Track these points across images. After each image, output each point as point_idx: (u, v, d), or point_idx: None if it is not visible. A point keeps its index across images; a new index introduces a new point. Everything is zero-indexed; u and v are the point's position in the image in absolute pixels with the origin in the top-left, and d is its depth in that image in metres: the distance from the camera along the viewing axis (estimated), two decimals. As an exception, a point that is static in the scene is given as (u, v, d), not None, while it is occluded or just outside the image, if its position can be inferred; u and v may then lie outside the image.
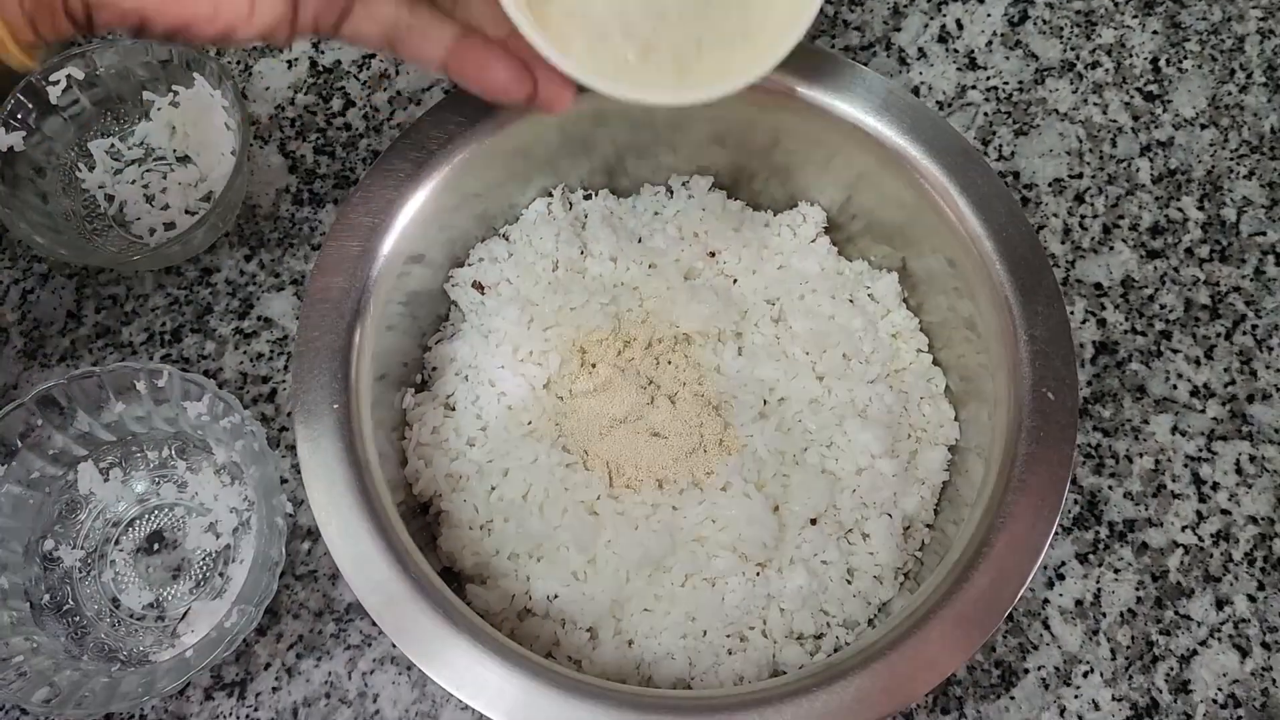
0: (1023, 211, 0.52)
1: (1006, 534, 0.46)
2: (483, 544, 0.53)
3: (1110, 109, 0.71)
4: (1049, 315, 0.49)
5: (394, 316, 0.53)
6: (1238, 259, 0.67)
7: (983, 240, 0.51)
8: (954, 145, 0.52)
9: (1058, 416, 0.48)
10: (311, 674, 0.58)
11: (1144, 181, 0.69)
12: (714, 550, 0.52)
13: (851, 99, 0.53)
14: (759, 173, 0.60)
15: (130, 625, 0.58)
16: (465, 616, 0.44)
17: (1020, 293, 0.50)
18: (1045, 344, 0.49)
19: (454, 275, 0.59)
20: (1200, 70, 0.72)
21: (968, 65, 0.72)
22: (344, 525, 0.45)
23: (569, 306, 0.56)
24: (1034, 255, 0.50)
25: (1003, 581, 0.45)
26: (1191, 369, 0.65)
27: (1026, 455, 0.47)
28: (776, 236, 0.60)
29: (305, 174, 0.68)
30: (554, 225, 0.58)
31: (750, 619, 0.52)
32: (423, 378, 0.59)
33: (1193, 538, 0.61)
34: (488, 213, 0.58)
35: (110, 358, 0.64)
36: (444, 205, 0.52)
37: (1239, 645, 0.59)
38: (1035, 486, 0.46)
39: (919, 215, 0.53)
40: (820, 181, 0.58)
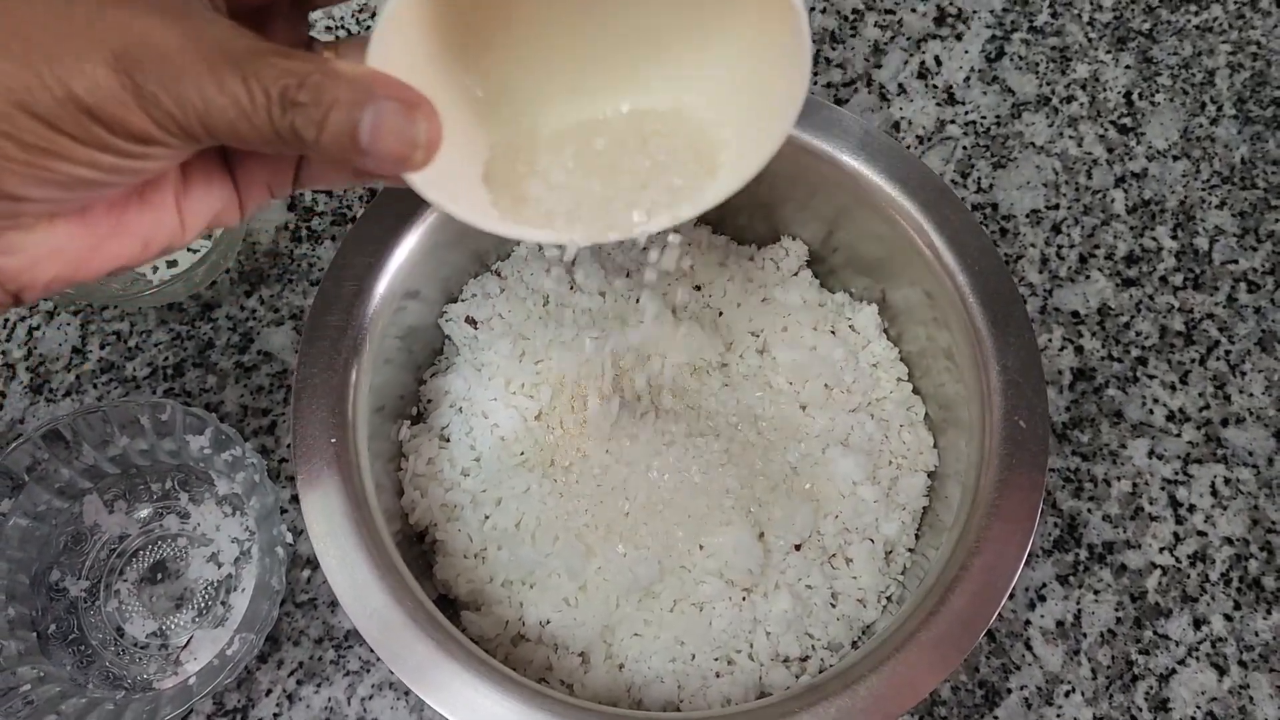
0: (994, 246, 0.54)
1: (982, 558, 0.47)
2: (477, 571, 0.55)
3: (1085, 142, 0.73)
4: (1020, 345, 0.51)
5: (391, 350, 0.55)
6: (1211, 287, 0.69)
7: (956, 274, 0.52)
8: (928, 183, 0.54)
9: (1029, 444, 0.49)
10: (312, 700, 0.59)
11: (1119, 212, 0.71)
12: (701, 576, 0.54)
13: (830, 139, 0.55)
14: (744, 208, 0.62)
15: (134, 654, 0.59)
16: (459, 643, 0.46)
17: (992, 324, 0.51)
18: (1017, 373, 0.51)
19: (448, 311, 0.60)
20: (1172, 103, 0.75)
21: (946, 100, 0.74)
22: (342, 555, 0.46)
23: (559, 340, 0.58)
24: (1005, 287, 0.52)
25: (979, 603, 0.47)
26: (1167, 394, 0.66)
27: (1000, 481, 0.49)
28: (760, 270, 0.62)
29: (304, 211, 0.70)
30: (544, 261, 0.60)
31: (737, 643, 0.54)
32: (418, 410, 0.61)
33: (1170, 559, 0.63)
34: (480, 249, 0.60)
35: (114, 392, 0.66)
36: (437, 243, 0.54)
37: (1216, 664, 0.60)
38: (1009, 511, 0.48)
39: (896, 250, 0.55)
40: (802, 217, 0.60)
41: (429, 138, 0.32)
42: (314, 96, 0.30)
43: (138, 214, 0.34)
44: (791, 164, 0.56)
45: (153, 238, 0.34)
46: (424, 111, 0.32)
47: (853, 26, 0.76)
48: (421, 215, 0.53)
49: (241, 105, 0.30)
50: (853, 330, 0.61)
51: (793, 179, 0.57)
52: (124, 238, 0.34)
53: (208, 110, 0.30)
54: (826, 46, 0.76)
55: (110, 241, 0.33)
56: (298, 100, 0.30)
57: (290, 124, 0.30)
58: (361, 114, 0.30)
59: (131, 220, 0.34)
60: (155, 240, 0.34)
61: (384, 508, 0.51)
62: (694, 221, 0.63)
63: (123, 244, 0.34)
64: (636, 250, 0.63)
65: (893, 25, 0.76)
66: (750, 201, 0.60)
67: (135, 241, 0.34)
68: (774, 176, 0.58)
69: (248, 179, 0.36)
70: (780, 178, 0.58)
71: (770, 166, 0.57)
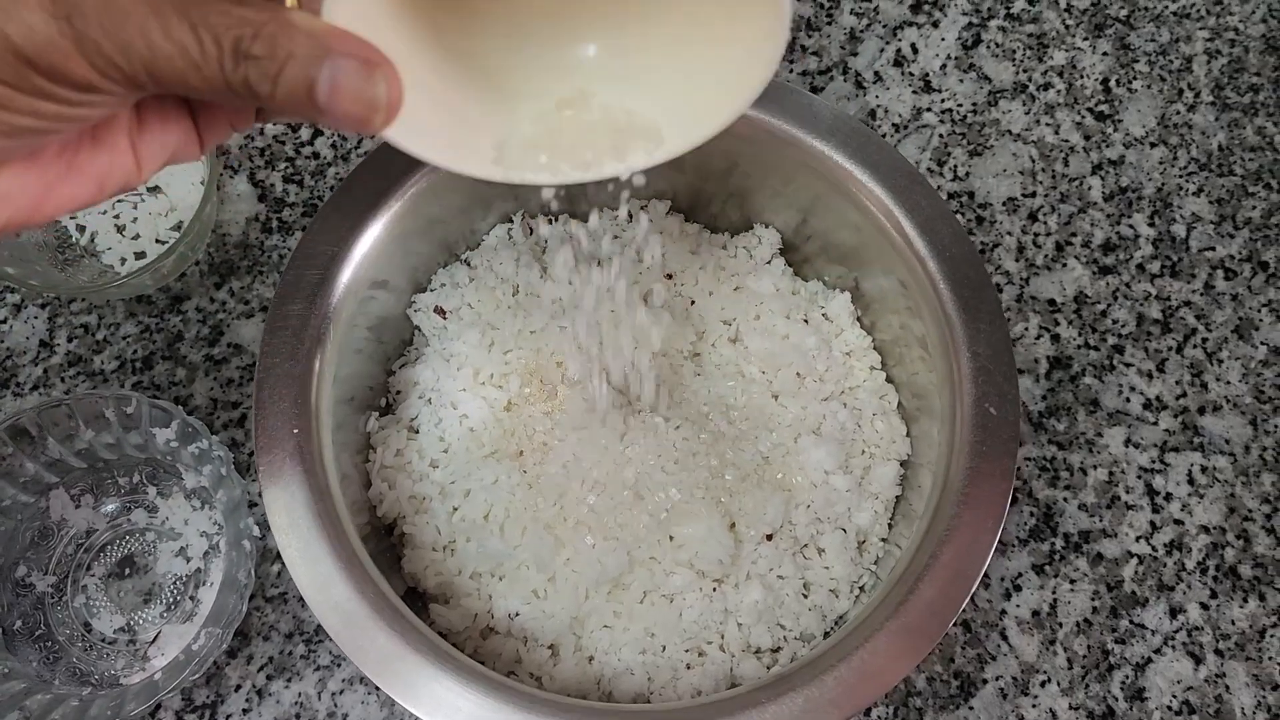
0: (966, 232, 0.53)
1: (951, 546, 0.47)
2: (445, 564, 0.54)
3: (1062, 129, 0.73)
4: (991, 332, 0.51)
5: (360, 341, 0.54)
6: (1188, 274, 0.69)
7: (927, 260, 0.52)
8: (899, 168, 0.53)
9: (1000, 431, 0.49)
10: (282, 695, 0.58)
11: (1095, 199, 0.71)
12: (671, 567, 0.53)
13: (801, 126, 0.54)
14: (716, 196, 0.61)
15: (102, 649, 0.58)
16: (424, 635, 0.45)
17: (963, 310, 0.51)
18: (987, 360, 0.50)
19: (416, 301, 0.60)
20: (1149, 90, 0.74)
21: (923, 88, 0.74)
22: (304, 547, 0.46)
23: (529, 329, 0.57)
24: (977, 274, 0.52)
25: (949, 592, 0.46)
26: (1144, 382, 0.66)
27: (970, 470, 0.48)
28: (733, 258, 0.61)
29: (274, 202, 0.70)
30: (514, 250, 0.60)
31: (708, 634, 0.53)
32: (387, 401, 0.60)
33: (1146, 548, 0.62)
34: (449, 239, 0.60)
35: (82, 386, 0.65)
36: (405, 231, 0.54)
37: (1192, 653, 0.60)
38: (978, 499, 0.48)
39: (869, 237, 0.55)
40: (775, 205, 0.60)
41: (389, 99, 0.31)
42: (268, 49, 0.29)
43: (90, 155, 0.33)
44: (765, 151, 0.55)
45: (107, 178, 0.33)
46: (384, 71, 0.31)
47: (829, 14, 0.76)
48: (388, 203, 0.53)
49: (190, 55, 0.29)
50: (825, 319, 0.61)
51: (766, 166, 0.57)
52: (77, 179, 0.33)
53: (154, 59, 0.28)
54: (803, 34, 0.75)
55: (63, 184, 0.32)
56: (251, 52, 0.29)
57: (243, 77, 0.29)
58: (319, 71, 0.29)
59: (84, 162, 0.33)
60: (110, 181, 0.33)
61: (351, 500, 0.50)
62: (665, 210, 0.62)
63: (76, 186, 0.33)
64: (608, 239, 0.62)
65: (869, 13, 0.76)
66: (722, 189, 0.60)
67: (89, 182, 0.33)
68: (746, 163, 0.58)
69: (208, 115, 0.35)
70: (754, 164, 0.57)
71: (743, 152, 0.57)
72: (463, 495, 0.55)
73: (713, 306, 0.60)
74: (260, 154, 0.71)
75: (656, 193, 0.62)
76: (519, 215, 0.61)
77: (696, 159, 0.59)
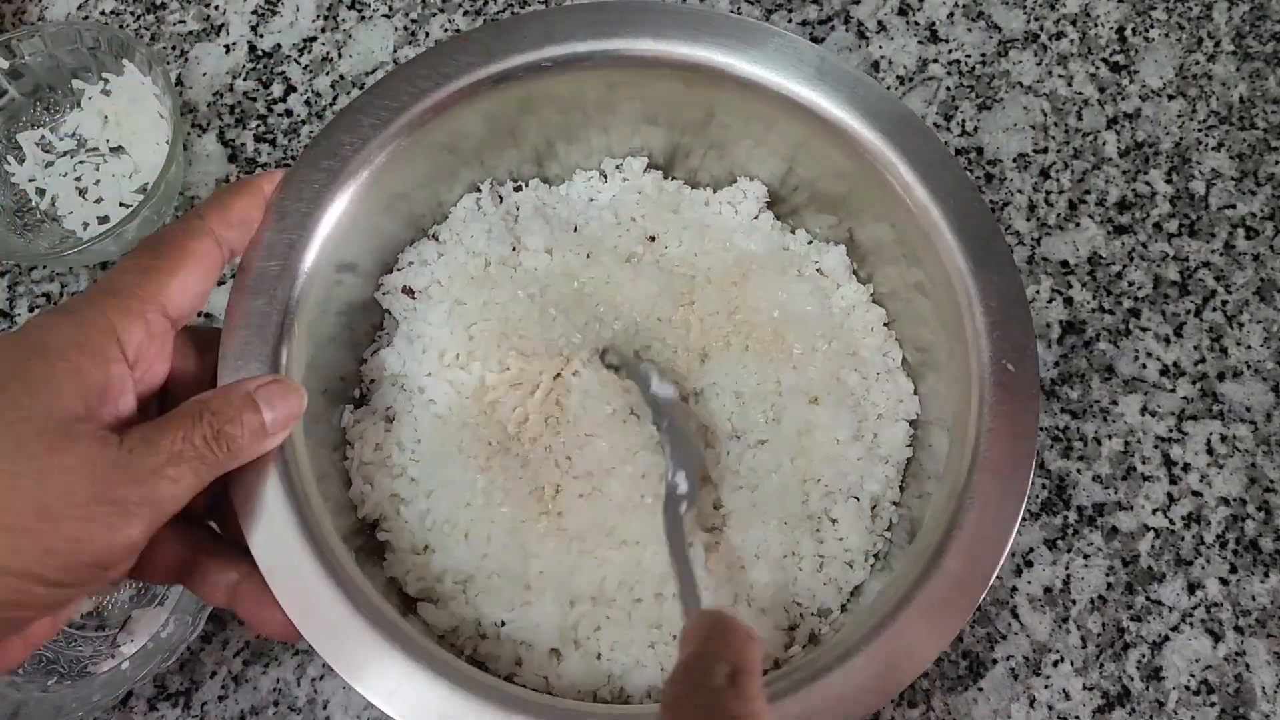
0: (968, 177, 0.50)
1: (975, 513, 0.44)
2: (427, 568, 0.50)
3: (1075, 81, 0.69)
4: (1003, 284, 0.47)
5: (332, 328, 0.50)
6: (1207, 233, 0.66)
7: (929, 209, 0.48)
8: (894, 112, 0.50)
9: (1019, 388, 0.46)
10: (259, 681, 0.56)
11: (1110, 155, 0.67)
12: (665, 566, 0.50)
13: (784, 71, 0.50)
14: (695, 149, 0.57)
15: (69, 635, 0.56)
16: (409, 639, 0.42)
17: (972, 262, 0.47)
18: (1001, 314, 0.47)
19: (384, 282, 0.55)
20: (1167, 39, 0.70)
21: (929, 38, 0.70)
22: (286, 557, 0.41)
23: (495, 301, 0.53)
24: (984, 223, 0.48)
25: (975, 563, 0.43)
26: (1161, 347, 0.63)
27: (990, 430, 0.45)
28: (718, 215, 0.57)
29: (246, 163, 0.66)
30: (484, 221, 0.56)
31: None
32: (361, 391, 0.56)
33: (1163, 520, 0.60)
34: (414, 213, 0.55)
35: (45, 358, 0.61)
36: (367, 210, 0.49)
37: (1211, 630, 0.58)
38: (1000, 462, 0.44)
39: (862, 185, 0.51)
40: (759, 154, 0.56)
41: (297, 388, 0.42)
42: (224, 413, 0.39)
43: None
44: (744, 99, 0.52)
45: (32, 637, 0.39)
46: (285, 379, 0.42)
47: (830, -40, 0.72)
48: (344, 184, 0.48)
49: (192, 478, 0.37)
50: (821, 274, 0.57)
51: (746, 114, 0.53)
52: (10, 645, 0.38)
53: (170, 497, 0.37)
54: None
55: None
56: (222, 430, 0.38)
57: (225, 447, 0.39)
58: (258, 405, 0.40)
59: None
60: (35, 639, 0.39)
61: (331, 499, 0.46)
62: (642, 168, 0.58)
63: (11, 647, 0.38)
64: (583, 203, 0.58)
65: (872, -42, 0.72)
66: (701, 141, 0.56)
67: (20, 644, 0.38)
68: (725, 111, 0.54)
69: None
70: (732, 112, 0.53)
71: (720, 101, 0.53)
72: (427, 496, 0.51)
73: (699, 268, 0.56)
74: (230, 111, 0.67)
75: (631, 150, 0.58)
76: (488, 183, 0.57)
77: (670, 110, 0.56)
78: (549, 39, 0.50)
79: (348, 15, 0.70)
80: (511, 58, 0.50)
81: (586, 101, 0.53)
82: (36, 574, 0.34)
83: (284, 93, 0.68)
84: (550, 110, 0.53)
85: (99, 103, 0.65)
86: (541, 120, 0.54)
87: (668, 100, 0.53)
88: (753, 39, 0.50)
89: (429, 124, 0.50)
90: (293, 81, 0.68)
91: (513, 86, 0.50)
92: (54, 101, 0.65)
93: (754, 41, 0.50)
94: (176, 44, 0.69)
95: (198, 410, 0.38)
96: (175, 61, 0.68)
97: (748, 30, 0.51)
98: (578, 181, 0.58)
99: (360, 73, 0.68)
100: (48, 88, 0.65)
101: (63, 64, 0.64)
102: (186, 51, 0.69)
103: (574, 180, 0.58)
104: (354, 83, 0.68)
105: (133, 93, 0.64)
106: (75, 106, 0.65)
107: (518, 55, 0.50)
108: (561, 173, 0.59)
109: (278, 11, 0.70)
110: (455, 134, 0.52)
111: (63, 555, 0.34)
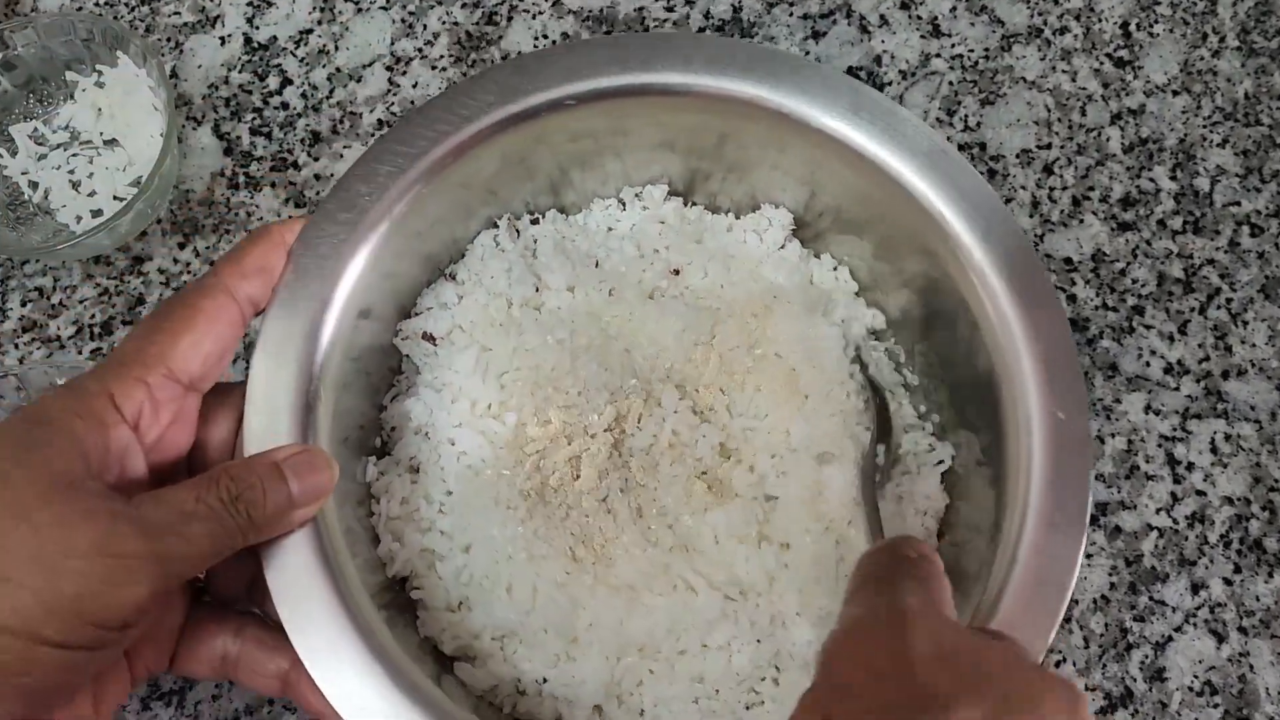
0: (1009, 212, 0.47)
1: (1029, 570, 0.42)
2: (462, 625, 0.48)
3: (1079, 76, 0.68)
4: (1050, 326, 0.45)
5: (349, 374, 0.48)
6: (1211, 230, 0.65)
7: (969, 248, 0.47)
8: (928, 145, 0.48)
9: (1071, 434, 0.44)
10: (253, 681, 0.55)
11: (1114, 151, 0.67)
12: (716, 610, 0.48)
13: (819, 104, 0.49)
14: (714, 173, 0.55)
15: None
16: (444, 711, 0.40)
17: (1016, 299, 0.46)
18: (1049, 362, 0.45)
19: (402, 328, 0.53)
20: (1172, 35, 0.70)
21: (931, 33, 0.69)
22: (323, 638, 0.40)
23: (524, 348, 0.51)
24: (1027, 260, 0.46)
25: (1032, 621, 0.42)
26: (1165, 345, 0.62)
27: (1042, 482, 0.44)
28: (742, 244, 0.56)
29: (241, 156, 0.65)
30: (504, 259, 0.54)
31: (761, 671, 0.48)
32: (382, 440, 0.53)
33: (1167, 520, 0.59)
34: (432, 254, 0.53)
35: (37, 353, 0.61)
36: (385, 257, 0.48)
37: (1215, 630, 0.57)
38: (1053, 514, 0.43)
39: (892, 214, 0.50)
40: (781, 178, 0.54)
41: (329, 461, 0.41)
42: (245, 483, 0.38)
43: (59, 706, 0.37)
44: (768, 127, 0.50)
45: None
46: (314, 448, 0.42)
47: (832, -46, 0.71)
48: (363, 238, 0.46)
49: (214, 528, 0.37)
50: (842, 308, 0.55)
51: (765, 139, 0.51)
52: None
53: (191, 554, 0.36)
54: (803, -25, 0.71)
55: None
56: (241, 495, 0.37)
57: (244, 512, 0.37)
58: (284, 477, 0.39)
59: None
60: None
61: (359, 556, 0.44)
62: (663, 196, 0.56)
63: None
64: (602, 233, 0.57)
65: (874, -48, 0.71)
66: (720, 164, 0.54)
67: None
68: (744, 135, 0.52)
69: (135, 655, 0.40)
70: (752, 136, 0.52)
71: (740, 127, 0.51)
72: (465, 550, 0.49)
73: (724, 299, 0.54)
74: (225, 104, 0.67)
75: (650, 176, 0.56)
76: (504, 219, 0.55)
77: (688, 136, 0.54)
78: (572, 75, 0.49)
79: (344, 7, 0.69)
80: (533, 95, 0.48)
81: (602, 130, 0.52)
82: (38, 633, 0.32)
83: (280, 85, 0.67)
84: (565, 139, 0.52)
85: (92, 95, 0.64)
86: (555, 149, 0.52)
87: (686, 126, 0.52)
88: (783, 70, 0.49)
89: (448, 168, 0.48)
90: (289, 74, 0.67)
91: (533, 124, 0.48)
92: (47, 93, 0.64)
93: (784, 73, 0.49)
94: (171, 36, 0.68)
95: (217, 473, 0.37)
96: (170, 54, 0.68)
97: (779, 61, 0.49)
98: (595, 211, 0.57)
99: (357, 65, 0.67)
100: (40, 79, 0.64)
101: (56, 55, 0.63)
102: (181, 43, 0.68)
103: (591, 209, 0.57)
104: (351, 75, 0.67)
105: (127, 85, 0.63)
106: (69, 99, 0.64)
107: (539, 93, 0.48)
108: (578, 201, 0.57)
109: (273, 3, 0.69)
110: (472, 173, 0.50)
111: (63, 614, 0.32)
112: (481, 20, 0.69)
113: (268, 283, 0.43)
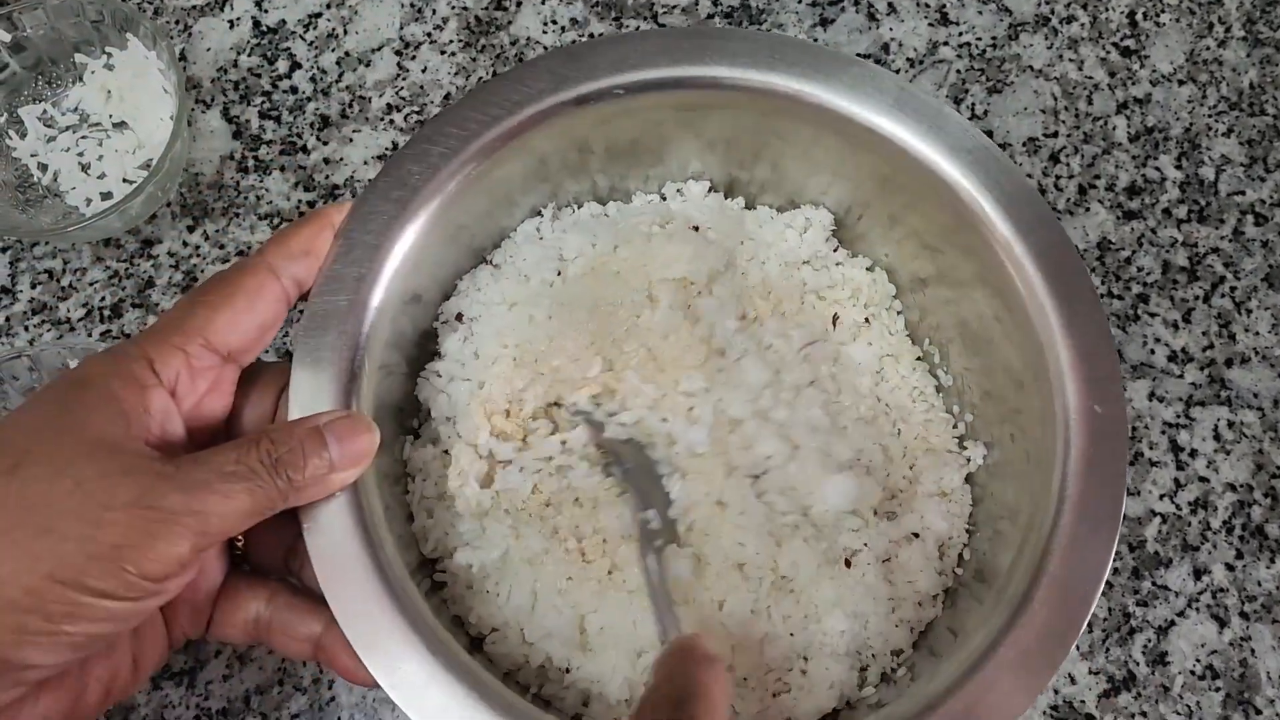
0: (1050, 210, 0.47)
1: (1062, 561, 0.42)
2: (487, 608, 0.48)
3: (1086, 65, 0.69)
4: (1089, 324, 0.45)
5: (393, 357, 0.48)
6: (1216, 219, 0.65)
7: (1011, 245, 0.47)
8: (972, 144, 0.48)
9: (1108, 430, 0.44)
10: (264, 661, 0.55)
11: (1120, 140, 0.67)
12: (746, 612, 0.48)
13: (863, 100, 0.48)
14: (756, 170, 0.55)
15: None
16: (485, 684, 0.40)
17: (1055, 297, 0.46)
18: (1087, 355, 0.45)
19: (442, 310, 0.53)
20: (1178, 24, 0.70)
21: (939, 21, 0.70)
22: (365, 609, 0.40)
23: (548, 335, 0.50)
24: (1067, 257, 0.46)
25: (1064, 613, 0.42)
26: (1169, 333, 0.63)
27: (1078, 474, 0.44)
28: (783, 241, 0.56)
29: (250, 140, 0.65)
30: (541, 247, 0.54)
31: (789, 662, 0.48)
32: (419, 421, 0.54)
33: (1170, 506, 0.60)
34: (476, 242, 0.53)
35: (47, 335, 0.61)
36: (435, 240, 0.48)
37: (1217, 615, 0.58)
38: (1089, 507, 0.43)
39: (936, 215, 0.50)
40: (823, 178, 0.54)
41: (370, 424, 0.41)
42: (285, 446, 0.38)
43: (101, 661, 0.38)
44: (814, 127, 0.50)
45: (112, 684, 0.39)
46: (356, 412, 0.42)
47: (840, -59, 0.71)
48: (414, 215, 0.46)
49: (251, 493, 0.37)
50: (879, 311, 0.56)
51: (810, 140, 0.51)
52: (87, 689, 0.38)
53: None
54: (812, -38, 0.71)
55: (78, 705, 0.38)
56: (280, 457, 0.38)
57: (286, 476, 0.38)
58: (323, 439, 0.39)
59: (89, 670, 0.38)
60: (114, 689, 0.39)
61: (395, 534, 0.44)
62: (705, 192, 0.56)
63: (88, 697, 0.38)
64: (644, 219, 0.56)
65: (882, -61, 0.71)
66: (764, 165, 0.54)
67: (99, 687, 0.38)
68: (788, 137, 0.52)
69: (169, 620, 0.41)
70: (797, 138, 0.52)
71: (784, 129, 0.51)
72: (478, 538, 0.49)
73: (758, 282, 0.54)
74: (234, 88, 0.67)
75: (692, 174, 0.56)
76: (549, 208, 0.55)
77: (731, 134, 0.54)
78: (622, 65, 0.49)
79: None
80: (584, 84, 0.48)
81: (648, 122, 0.52)
82: (82, 582, 0.33)
83: (289, 69, 0.67)
84: (612, 135, 0.52)
85: (102, 77, 0.64)
86: (604, 138, 0.52)
87: (730, 125, 0.52)
88: (830, 67, 0.49)
89: (499, 151, 0.48)
90: (298, 58, 0.67)
91: (583, 111, 0.48)
92: (56, 76, 0.64)
93: (831, 70, 0.49)
94: (180, 18, 0.68)
95: (258, 436, 0.38)
96: (179, 36, 0.68)
97: (824, 58, 0.49)
98: (637, 202, 0.57)
99: (366, 49, 0.67)
100: (50, 61, 0.64)
101: (65, 37, 0.63)
102: (190, 26, 0.68)
103: (633, 200, 0.57)
104: (360, 59, 0.67)
105: (136, 67, 0.63)
106: (78, 81, 0.64)
107: (590, 82, 0.48)
108: (621, 194, 0.57)
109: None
110: (521, 161, 0.50)
111: (104, 562, 0.33)
112: (491, 5, 0.69)
113: (313, 264, 0.43)
